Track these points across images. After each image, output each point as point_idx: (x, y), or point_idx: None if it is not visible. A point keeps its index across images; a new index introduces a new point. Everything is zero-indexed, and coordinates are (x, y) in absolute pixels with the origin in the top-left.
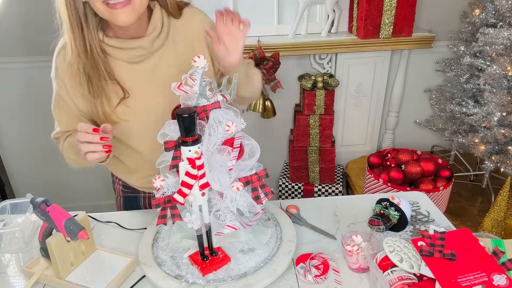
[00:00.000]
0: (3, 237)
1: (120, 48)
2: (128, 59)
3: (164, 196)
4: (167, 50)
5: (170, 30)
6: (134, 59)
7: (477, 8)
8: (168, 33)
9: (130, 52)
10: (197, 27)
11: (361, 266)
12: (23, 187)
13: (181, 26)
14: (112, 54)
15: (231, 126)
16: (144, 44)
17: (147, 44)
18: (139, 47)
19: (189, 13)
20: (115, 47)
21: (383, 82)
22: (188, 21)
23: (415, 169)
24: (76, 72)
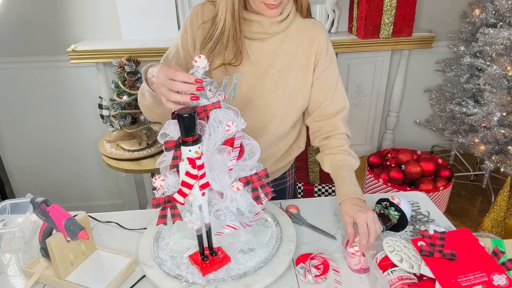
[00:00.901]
0: (3, 237)
1: (245, 19)
2: (245, 32)
3: (164, 196)
4: (279, 40)
5: (291, 26)
6: (248, 34)
7: (477, 8)
8: (288, 27)
9: (247, 26)
10: (315, 34)
11: (362, 267)
12: (23, 187)
13: (302, 27)
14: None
15: (231, 126)
16: (262, 21)
17: (266, 23)
18: (257, 21)
19: (312, 21)
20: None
21: (383, 82)
22: (309, 26)
23: (415, 169)
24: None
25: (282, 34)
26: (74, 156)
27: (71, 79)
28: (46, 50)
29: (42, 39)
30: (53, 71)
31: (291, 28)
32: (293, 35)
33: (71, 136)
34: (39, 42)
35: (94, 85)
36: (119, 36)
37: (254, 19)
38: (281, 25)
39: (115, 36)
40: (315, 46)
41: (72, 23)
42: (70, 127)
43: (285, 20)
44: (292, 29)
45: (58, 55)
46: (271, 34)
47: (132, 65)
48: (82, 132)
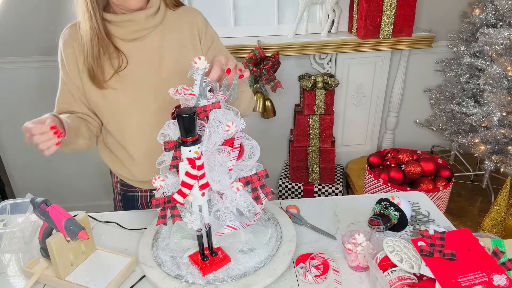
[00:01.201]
0: (3, 237)
1: (116, 23)
2: (123, 36)
3: (164, 196)
4: (159, 33)
5: (165, 17)
6: (128, 36)
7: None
8: (163, 19)
9: (125, 27)
10: (190, 18)
11: (359, 264)
12: (23, 187)
13: (177, 16)
14: (109, 31)
15: (231, 126)
16: (137, 18)
17: (141, 18)
18: (132, 20)
19: (185, 8)
20: (111, 22)
21: (383, 82)
22: (183, 13)
23: (415, 169)
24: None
25: (160, 27)
26: (74, 156)
27: None
28: (46, 50)
29: (42, 39)
30: (53, 71)
31: (166, 19)
32: (171, 25)
33: None
34: (39, 42)
35: None
36: None
37: (127, 18)
38: (157, 17)
39: None
40: (195, 29)
41: None
42: None
43: (158, 12)
44: (169, 20)
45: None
46: (150, 28)
47: None
48: None
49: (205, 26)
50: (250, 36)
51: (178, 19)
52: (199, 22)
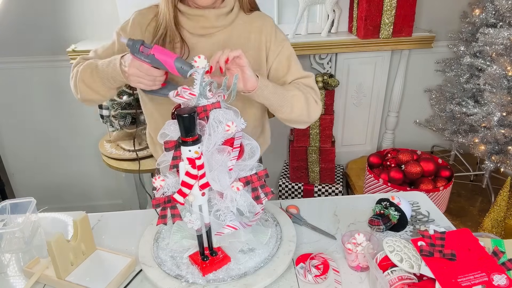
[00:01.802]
0: (3, 237)
1: (188, 15)
2: (192, 29)
3: (164, 196)
4: (227, 33)
5: (236, 19)
6: (196, 30)
7: (477, 8)
8: (234, 20)
9: (195, 21)
10: (261, 24)
11: (359, 264)
12: (23, 187)
13: (247, 20)
14: (179, 22)
15: (231, 126)
16: (209, 15)
17: (213, 16)
18: (203, 16)
19: (257, 13)
20: (184, 13)
21: (383, 82)
22: (254, 18)
23: (415, 169)
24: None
25: (229, 28)
26: (74, 156)
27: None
28: (46, 50)
29: (42, 39)
30: (53, 71)
31: (237, 21)
32: (240, 29)
33: (71, 136)
34: (39, 42)
35: None
36: None
37: (199, 13)
38: (228, 18)
39: None
40: (264, 36)
41: (72, 23)
42: (70, 127)
43: (231, 13)
44: (238, 23)
45: (58, 55)
46: (219, 27)
47: None
48: (82, 132)
49: (274, 32)
50: None
51: (248, 23)
52: (268, 28)
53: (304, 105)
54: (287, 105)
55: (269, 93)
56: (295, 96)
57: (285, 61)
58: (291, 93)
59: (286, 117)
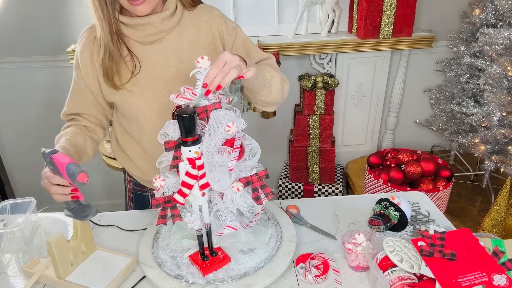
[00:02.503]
0: (3, 237)
1: (133, 25)
2: (140, 39)
3: (164, 196)
4: (176, 35)
5: (182, 18)
6: (145, 38)
7: (477, 8)
8: (180, 20)
9: (142, 30)
10: (208, 17)
11: (360, 264)
12: (23, 187)
13: (194, 16)
14: (126, 34)
15: (231, 127)
16: (153, 21)
17: (157, 21)
18: (148, 23)
19: (201, 7)
20: (128, 25)
21: (383, 82)
22: (200, 13)
23: (415, 169)
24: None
25: (177, 28)
26: None
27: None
28: (46, 50)
29: (42, 39)
30: (53, 71)
31: (183, 20)
32: (188, 27)
33: None
34: (39, 42)
35: None
36: None
37: (143, 22)
38: (173, 19)
39: None
40: (215, 28)
41: (72, 23)
42: None
43: (175, 13)
44: (185, 21)
45: (58, 55)
46: (167, 31)
47: None
48: None
49: (223, 22)
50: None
51: (195, 19)
52: (217, 19)
53: (280, 85)
54: (267, 86)
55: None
56: (273, 78)
57: (242, 47)
58: (269, 74)
59: (264, 98)
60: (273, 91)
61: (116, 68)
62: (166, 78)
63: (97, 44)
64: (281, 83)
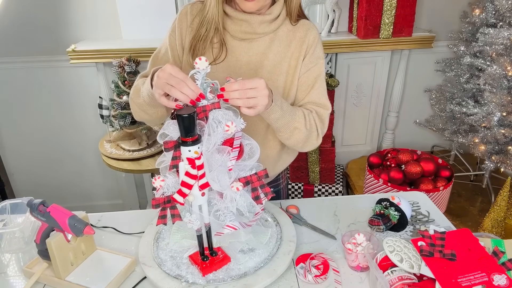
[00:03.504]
0: (3, 237)
1: (232, 17)
2: (233, 32)
3: (164, 196)
4: (268, 41)
5: (280, 27)
6: (238, 34)
7: (477, 8)
8: (278, 28)
9: (238, 25)
10: (303, 34)
11: (359, 264)
12: (23, 187)
13: (292, 29)
14: (224, 23)
15: (230, 126)
16: (251, 20)
17: (255, 22)
18: (246, 21)
19: (302, 22)
20: (229, 15)
21: (383, 82)
22: (299, 28)
23: (415, 169)
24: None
25: (271, 35)
26: (74, 156)
27: (71, 79)
28: (46, 50)
29: (42, 39)
30: (53, 71)
31: (281, 29)
32: (283, 36)
33: (71, 136)
34: (39, 42)
35: (94, 85)
36: (119, 36)
37: (243, 18)
38: (271, 25)
39: (115, 36)
40: (305, 47)
41: (72, 23)
42: (70, 127)
43: (275, 21)
44: (282, 30)
45: (58, 55)
46: (260, 34)
47: (132, 65)
48: (82, 132)
49: (314, 46)
50: None
51: (292, 32)
52: (310, 39)
53: (302, 139)
54: (287, 132)
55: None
56: (297, 130)
57: (312, 80)
58: (296, 124)
59: (281, 139)
60: (291, 139)
61: (202, 49)
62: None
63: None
64: (305, 138)
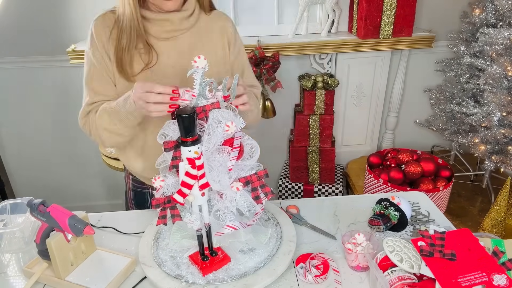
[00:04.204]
0: (3, 237)
1: (152, 20)
2: (156, 33)
3: (164, 196)
4: (191, 35)
5: (198, 20)
6: (161, 34)
7: (477, 8)
8: (196, 21)
9: (159, 26)
10: (222, 24)
11: (359, 264)
12: (23, 187)
13: (209, 20)
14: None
15: (230, 126)
16: (172, 18)
17: (176, 19)
18: (168, 20)
19: (217, 13)
20: (147, 19)
21: (383, 82)
22: (215, 18)
23: (415, 169)
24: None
25: (192, 29)
26: (74, 156)
27: (71, 79)
28: (46, 50)
29: (42, 39)
30: (53, 71)
31: (199, 22)
32: (203, 28)
33: (71, 136)
34: (39, 42)
35: None
36: None
37: (164, 17)
38: (190, 20)
39: None
40: (226, 36)
41: (72, 23)
42: (70, 127)
43: (192, 15)
44: (201, 23)
45: (58, 55)
46: (183, 30)
47: None
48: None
49: (234, 35)
50: (250, 36)
51: (210, 23)
52: (230, 30)
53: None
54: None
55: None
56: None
57: (240, 67)
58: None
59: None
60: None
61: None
62: (176, 75)
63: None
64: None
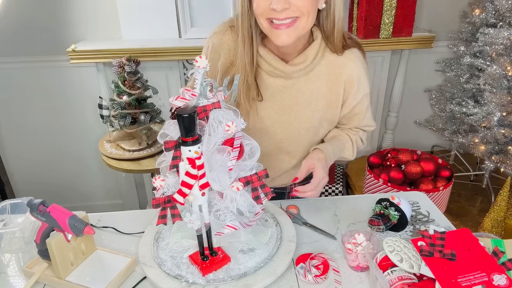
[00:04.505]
0: (3, 237)
1: (265, 59)
2: (267, 70)
3: (164, 196)
4: (306, 80)
5: (319, 63)
6: (271, 73)
7: (477, 8)
8: (315, 67)
9: (271, 67)
10: (347, 75)
11: (359, 264)
12: (23, 187)
13: (335, 63)
14: (257, 62)
15: (231, 126)
16: (284, 70)
17: (288, 71)
18: (278, 69)
19: (349, 56)
20: (262, 57)
21: (383, 82)
22: (341, 63)
23: (415, 169)
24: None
25: (309, 74)
26: (74, 156)
27: (71, 79)
28: (46, 50)
29: (42, 39)
30: (53, 71)
31: (318, 68)
32: (320, 73)
33: (71, 136)
34: (39, 42)
35: (94, 85)
36: (119, 36)
37: (275, 65)
38: (306, 68)
39: (115, 36)
40: (343, 84)
41: (72, 23)
42: (70, 127)
43: (309, 66)
44: (321, 64)
45: (58, 55)
46: (294, 77)
47: (132, 65)
48: (82, 132)
49: (356, 83)
50: None
51: (331, 66)
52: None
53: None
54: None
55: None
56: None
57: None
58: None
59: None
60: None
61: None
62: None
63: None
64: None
